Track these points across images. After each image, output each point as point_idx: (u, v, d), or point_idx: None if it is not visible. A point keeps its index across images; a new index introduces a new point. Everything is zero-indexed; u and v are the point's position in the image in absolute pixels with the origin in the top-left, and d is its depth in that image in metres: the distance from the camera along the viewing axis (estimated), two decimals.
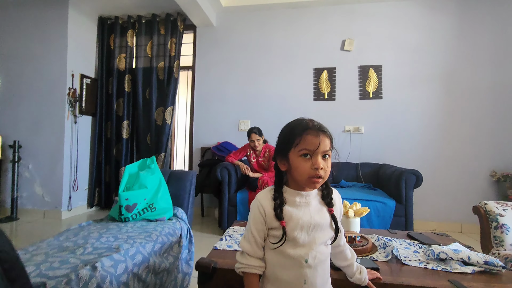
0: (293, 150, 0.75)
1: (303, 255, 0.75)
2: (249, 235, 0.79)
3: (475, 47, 3.17)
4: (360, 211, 1.37)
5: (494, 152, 3.09)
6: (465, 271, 1.00)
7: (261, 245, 0.79)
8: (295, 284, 0.75)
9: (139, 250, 1.31)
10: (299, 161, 0.74)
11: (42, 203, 3.32)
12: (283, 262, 0.76)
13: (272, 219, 0.76)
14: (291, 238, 0.75)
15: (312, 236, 0.75)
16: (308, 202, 0.78)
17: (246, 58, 3.64)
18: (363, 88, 3.37)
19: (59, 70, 3.34)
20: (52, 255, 1.17)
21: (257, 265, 0.78)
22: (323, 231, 0.77)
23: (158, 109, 3.66)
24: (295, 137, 0.75)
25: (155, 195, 1.80)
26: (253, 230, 0.78)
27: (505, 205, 1.61)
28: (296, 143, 0.75)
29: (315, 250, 0.75)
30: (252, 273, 0.78)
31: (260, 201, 0.78)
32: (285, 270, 0.76)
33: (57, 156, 3.31)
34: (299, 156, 0.74)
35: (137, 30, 3.78)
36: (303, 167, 0.74)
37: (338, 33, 3.46)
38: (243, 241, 0.80)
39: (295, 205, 0.77)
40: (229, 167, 2.81)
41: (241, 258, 0.80)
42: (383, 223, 2.47)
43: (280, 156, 0.79)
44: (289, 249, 0.75)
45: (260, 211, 0.77)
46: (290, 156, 0.76)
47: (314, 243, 0.75)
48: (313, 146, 0.73)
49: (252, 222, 0.79)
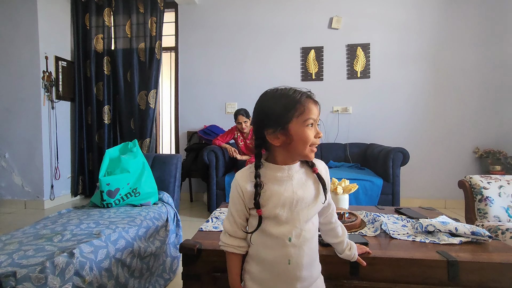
0: (295, 120, 0.68)
1: (286, 233, 0.70)
2: (229, 214, 0.77)
3: (462, 26, 3.15)
4: (349, 187, 1.35)
5: (477, 130, 3.15)
6: (453, 242, 1.00)
7: (241, 226, 0.76)
8: (278, 264, 0.71)
9: (122, 235, 1.26)
10: (306, 131, 0.68)
11: (22, 193, 3.19)
12: (266, 242, 0.72)
13: (250, 200, 0.71)
14: (272, 216, 0.71)
15: (296, 213, 0.71)
16: (290, 176, 0.72)
17: (231, 38, 3.50)
18: (351, 68, 3.32)
19: (30, 52, 3.11)
20: (26, 243, 1.10)
21: (236, 245, 0.76)
22: (308, 207, 0.72)
23: (141, 92, 3.52)
24: (297, 105, 0.68)
25: (138, 179, 1.73)
26: (233, 211, 0.75)
27: (489, 178, 1.63)
28: (300, 111, 0.68)
29: (299, 227, 0.71)
30: (232, 252, 0.76)
31: (238, 182, 0.74)
32: (268, 250, 0.72)
33: (35, 143, 3.15)
34: (305, 126, 0.69)
35: (114, 8, 3.55)
36: (309, 136, 0.69)
37: (325, 11, 3.35)
38: (225, 220, 0.79)
39: (276, 180, 0.72)
40: (216, 150, 2.75)
41: (223, 236, 0.78)
42: (371, 201, 2.50)
43: (274, 128, 0.69)
44: (272, 228, 0.71)
45: (239, 192, 0.73)
46: (292, 127, 0.68)
47: (297, 220, 0.71)
48: (316, 114, 0.70)
49: (231, 203, 0.76)
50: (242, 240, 0.77)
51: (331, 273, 0.90)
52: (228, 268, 0.78)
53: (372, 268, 0.91)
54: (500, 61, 3.08)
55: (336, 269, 0.91)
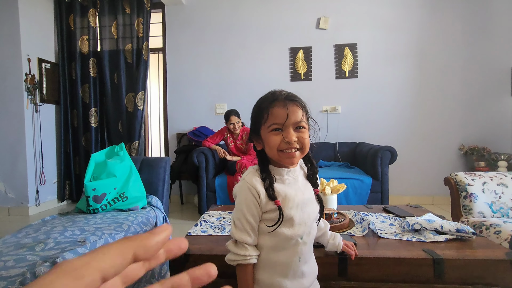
0: (263, 127, 0.70)
1: (300, 233, 0.71)
2: (243, 223, 0.70)
3: (448, 25, 3.22)
4: (337, 187, 1.36)
5: (462, 127, 3.22)
6: (438, 239, 1.02)
7: (257, 231, 0.72)
8: (290, 264, 0.71)
9: (108, 242, 1.23)
10: (270, 137, 0.69)
11: (5, 200, 3.08)
12: (279, 244, 0.71)
13: (266, 201, 0.69)
14: (288, 218, 0.70)
15: (306, 213, 0.72)
16: (296, 178, 0.74)
17: (219, 39, 3.48)
18: (339, 67, 3.35)
19: (12, 54, 3.02)
20: (6, 253, 1.06)
21: (255, 254, 0.71)
22: (313, 206, 0.75)
23: (129, 94, 3.46)
24: (263, 112, 0.70)
25: (125, 183, 1.70)
26: (248, 216, 0.70)
27: (474, 175, 1.67)
28: (265, 119, 0.69)
29: (309, 226, 0.73)
30: (250, 263, 0.71)
31: (250, 184, 0.70)
32: (281, 252, 0.71)
33: (18, 148, 3.05)
34: (270, 132, 0.69)
35: (99, 9, 3.48)
36: (275, 142, 0.68)
37: (313, 11, 3.37)
38: (237, 232, 0.71)
39: (286, 183, 0.72)
40: (206, 151, 2.72)
41: (238, 249, 0.71)
42: (360, 200, 2.52)
43: (255, 136, 0.73)
44: (286, 230, 0.70)
45: (253, 194, 0.69)
46: (262, 133, 0.71)
47: (308, 219, 0.73)
48: (281, 118, 0.68)
49: (245, 208, 0.70)
50: (257, 247, 0.73)
51: (319, 274, 0.89)
52: (242, 282, 0.71)
53: (360, 268, 0.92)
54: (485, 60, 3.16)
55: (325, 270, 0.91)
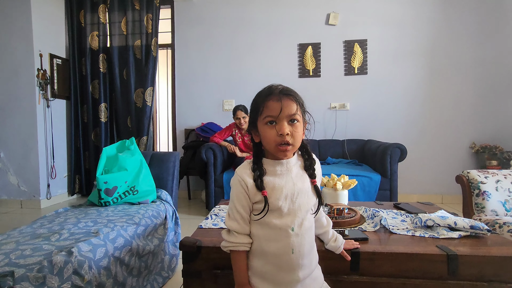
0: (259, 119, 0.73)
1: (289, 223, 0.73)
2: (234, 213, 0.76)
3: (459, 22, 3.15)
4: (348, 183, 1.35)
5: (473, 125, 3.16)
6: (452, 236, 1.01)
7: (247, 220, 0.77)
8: (282, 255, 0.73)
9: (121, 234, 1.25)
10: (265, 129, 0.72)
11: (18, 193, 3.15)
12: (269, 234, 0.74)
13: (254, 192, 0.73)
14: (275, 208, 0.73)
15: (297, 204, 0.74)
16: (289, 169, 0.76)
17: (228, 35, 3.48)
18: (348, 64, 3.32)
19: (25, 49, 3.07)
20: (23, 243, 1.09)
21: (246, 242, 0.75)
22: (307, 197, 0.75)
23: (137, 90, 3.49)
24: (259, 105, 0.73)
25: (136, 177, 1.72)
26: (238, 207, 0.75)
27: (487, 173, 1.64)
28: (261, 111, 0.72)
29: (300, 217, 0.74)
30: (241, 250, 0.76)
31: (240, 176, 0.75)
32: (272, 242, 0.74)
33: (30, 142, 3.11)
34: (265, 124, 0.72)
35: (109, 5, 3.50)
36: (269, 135, 0.72)
37: (322, 7, 3.34)
38: (228, 220, 0.77)
39: (277, 174, 0.75)
40: (214, 147, 2.74)
41: (229, 236, 0.76)
42: (369, 197, 2.51)
43: (252, 128, 0.77)
44: (274, 220, 0.73)
45: (242, 186, 0.74)
46: (259, 126, 0.74)
47: (299, 210, 0.74)
48: (275, 111, 0.70)
49: (235, 199, 0.75)
50: (249, 236, 0.77)
51: (331, 269, 0.90)
52: (236, 268, 0.77)
53: (372, 263, 0.91)
54: (496, 57, 3.09)
55: (336, 265, 0.91)
